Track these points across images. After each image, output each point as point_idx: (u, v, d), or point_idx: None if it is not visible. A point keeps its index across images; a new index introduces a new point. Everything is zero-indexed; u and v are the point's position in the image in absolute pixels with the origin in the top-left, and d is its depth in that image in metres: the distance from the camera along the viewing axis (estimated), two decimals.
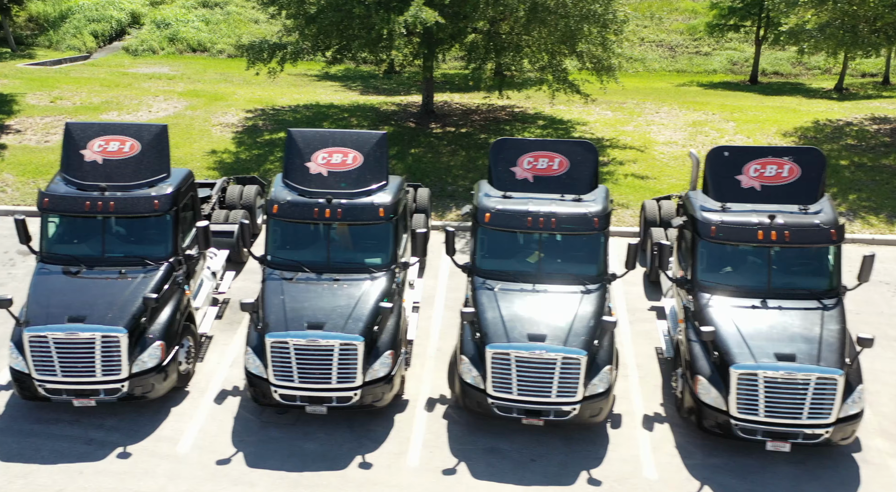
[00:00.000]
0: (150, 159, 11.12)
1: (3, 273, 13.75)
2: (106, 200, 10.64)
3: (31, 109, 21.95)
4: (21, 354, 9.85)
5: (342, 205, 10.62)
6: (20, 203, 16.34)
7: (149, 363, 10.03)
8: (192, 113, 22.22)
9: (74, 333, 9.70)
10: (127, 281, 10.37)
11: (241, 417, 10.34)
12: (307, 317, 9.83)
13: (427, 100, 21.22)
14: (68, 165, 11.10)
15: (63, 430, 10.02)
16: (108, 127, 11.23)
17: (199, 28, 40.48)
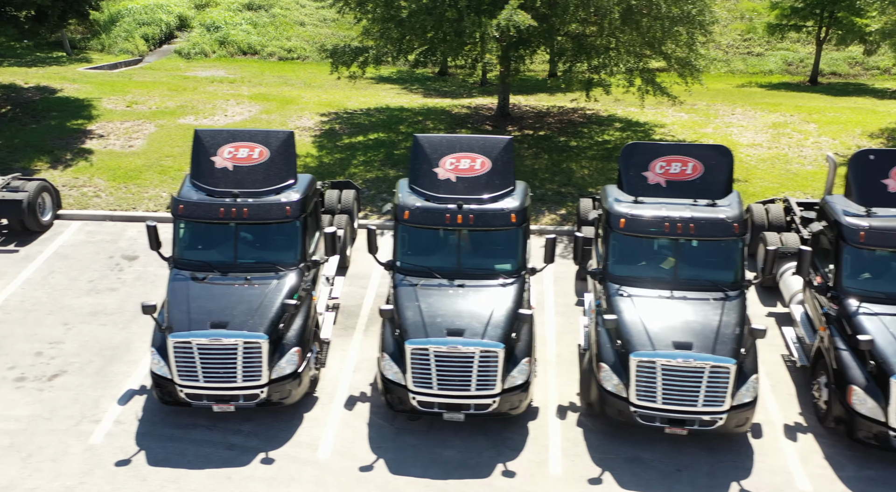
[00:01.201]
0: (279, 165, 11.21)
1: (112, 278, 13.96)
2: (239, 206, 10.75)
3: (109, 114, 22.27)
4: (164, 359, 10.02)
5: (473, 211, 10.65)
6: (116, 208, 16.58)
7: (287, 369, 10.12)
8: (267, 117, 22.41)
9: (218, 339, 9.82)
10: (263, 287, 10.49)
11: (374, 423, 10.40)
12: (446, 324, 9.86)
13: (503, 103, 21.19)
14: (198, 172, 11.26)
15: (203, 435, 10.16)
16: (236, 134, 11.34)
17: (247, 31, 40.84)
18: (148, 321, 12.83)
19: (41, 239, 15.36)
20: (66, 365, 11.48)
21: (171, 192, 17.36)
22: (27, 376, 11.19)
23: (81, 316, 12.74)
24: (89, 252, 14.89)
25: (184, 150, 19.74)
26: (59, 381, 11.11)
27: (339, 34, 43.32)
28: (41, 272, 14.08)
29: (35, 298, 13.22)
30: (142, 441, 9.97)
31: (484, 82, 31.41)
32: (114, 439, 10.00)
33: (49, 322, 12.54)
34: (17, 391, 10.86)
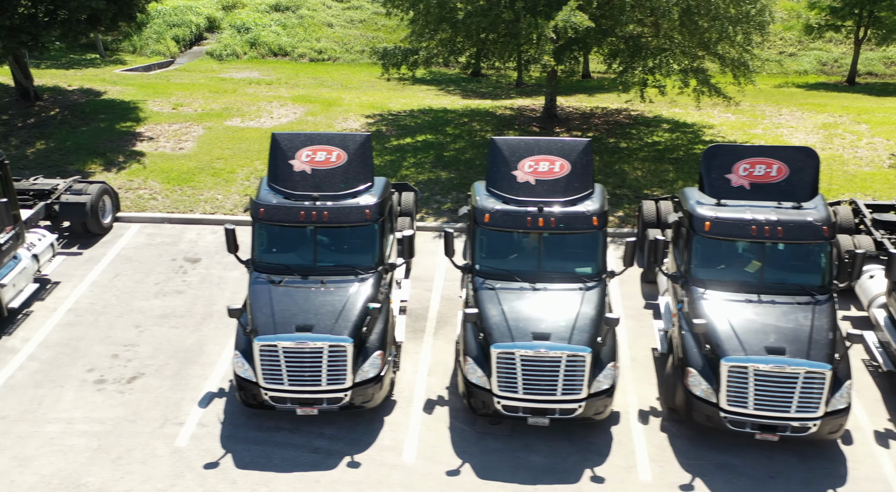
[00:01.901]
0: (357, 169, 11.23)
1: (178, 281, 14.04)
2: (319, 209, 10.78)
3: (156, 116, 22.44)
4: (248, 362, 10.05)
5: (555, 214, 10.62)
6: (173, 211, 16.69)
7: (370, 373, 10.13)
8: (313, 119, 22.48)
9: (304, 343, 9.85)
10: (344, 290, 10.51)
11: (455, 427, 10.39)
12: (531, 327, 9.83)
13: (550, 104, 21.13)
14: (276, 175, 11.29)
15: (286, 438, 10.18)
16: (314, 137, 11.37)
17: (277, 32, 41.03)
18: (217, 324, 12.93)
19: (102, 241, 15.51)
20: (142, 367, 11.58)
21: (225, 194, 17.45)
22: (107, 379, 11.30)
23: (152, 318, 12.86)
24: (152, 255, 15.01)
25: (234, 152, 19.86)
26: (139, 383, 11.21)
27: (367, 35, 43.47)
28: (107, 275, 14.21)
29: (104, 301, 13.35)
30: (227, 444, 10.03)
31: (519, 84, 31.36)
32: (199, 442, 10.07)
33: (121, 325, 12.66)
34: (98, 393, 10.97)
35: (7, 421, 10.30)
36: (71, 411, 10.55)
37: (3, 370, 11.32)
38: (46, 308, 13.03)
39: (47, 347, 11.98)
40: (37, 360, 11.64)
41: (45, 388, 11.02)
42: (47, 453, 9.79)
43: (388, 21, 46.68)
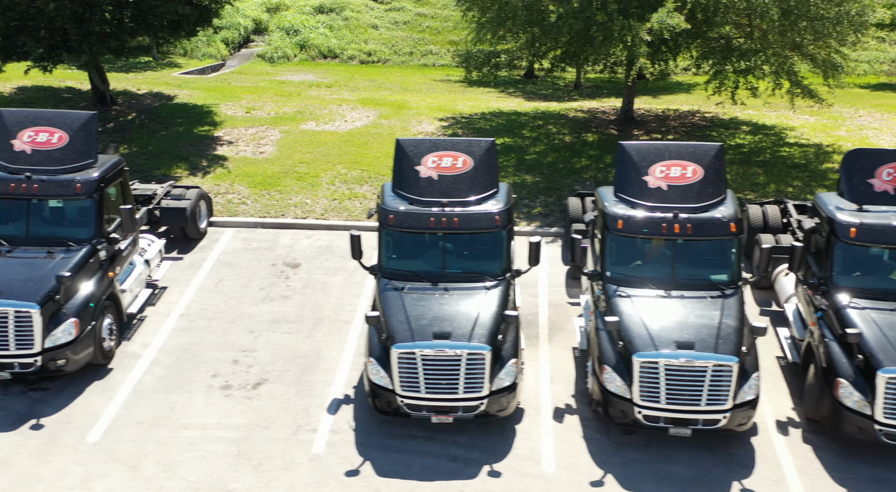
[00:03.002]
0: (483, 174, 11.18)
1: (281, 286, 14.10)
2: (449, 215, 10.76)
3: (232, 120, 22.61)
4: (384, 369, 10.05)
5: (691, 220, 10.48)
6: (265, 215, 16.78)
7: (506, 381, 10.07)
8: (387, 122, 22.52)
9: (443, 350, 9.82)
10: (476, 297, 10.45)
11: (589, 436, 10.30)
12: (673, 336, 9.72)
13: (628, 106, 20.97)
14: (402, 181, 11.27)
15: (421, 446, 10.17)
16: (438, 143, 11.34)
17: (325, 34, 41.23)
18: (329, 329, 12.95)
19: (200, 246, 15.62)
20: (264, 373, 11.63)
21: (313, 199, 17.48)
22: (232, 385, 11.37)
23: (264, 324, 12.91)
24: (251, 259, 15.09)
25: (315, 156, 19.93)
26: (264, 389, 11.26)
27: (413, 37, 43.53)
28: (211, 280, 14.31)
29: (214, 306, 13.43)
30: (364, 451, 10.04)
31: (577, 86, 31.18)
32: (336, 449, 10.08)
33: (235, 330, 12.73)
34: (227, 399, 11.04)
35: (144, 426, 10.42)
36: (204, 417, 10.64)
37: (129, 375, 11.46)
38: (159, 313, 13.16)
39: (167, 352, 12.10)
40: (160, 365, 11.77)
41: (173, 393, 11.14)
42: (189, 458, 9.89)
43: (432, 23, 47.16)
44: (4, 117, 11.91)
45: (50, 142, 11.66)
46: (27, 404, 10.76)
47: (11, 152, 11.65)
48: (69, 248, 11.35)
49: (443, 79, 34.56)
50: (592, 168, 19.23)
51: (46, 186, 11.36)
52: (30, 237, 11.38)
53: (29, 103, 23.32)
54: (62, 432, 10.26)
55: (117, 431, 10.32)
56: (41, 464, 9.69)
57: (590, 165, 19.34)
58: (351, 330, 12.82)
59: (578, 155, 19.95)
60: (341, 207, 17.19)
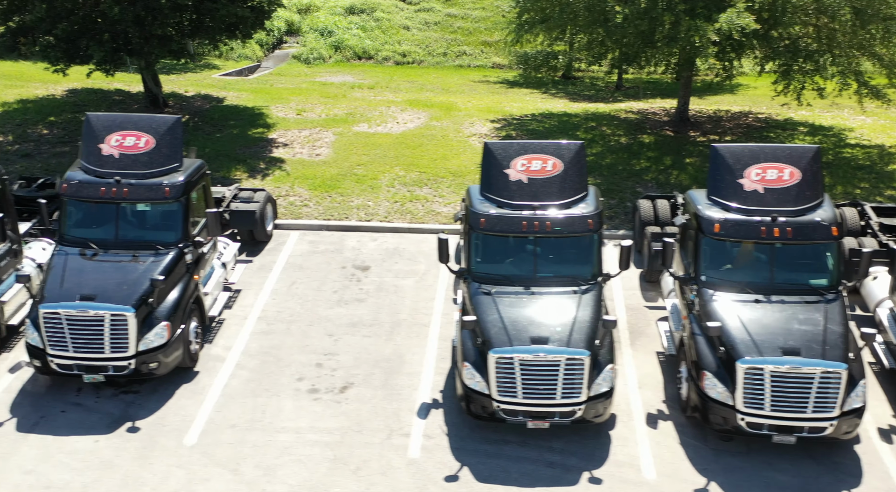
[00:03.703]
0: (573, 177, 11.12)
1: (354, 289, 14.10)
2: (541, 219, 10.71)
3: (284, 123, 22.68)
4: (481, 374, 9.99)
5: (790, 223, 10.34)
6: (329, 218, 16.79)
7: (603, 387, 10.00)
8: (438, 124, 22.49)
9: (541, 355, 9.77)
10: (570, 300, 10.37)
11: (686, 443, 10.19)
12: (779, 342, 9.59)
13: (683, 107, 20.82)
14: (490, 184, 11.21)
15: (516, 451, 10.10)
16: (527, 146, 11.29)
17: (358, 36, 41.33)
18: (408, 333, 12.92)
19: (268, 249, 15.65)
20: (349, 377, 11.63)
21: (375, 201, 17.47)
22: (319, 388, 11.38)
23: (342, 327, 12.91)
24: (320, 262, 15.11)
25: (371, 158, 19.94)
26: (351, 393, 11.26)
27: (446, 38, 43.52)
28: (283, 282, 14.33)
29: (290, 309, 13.45)
30: (460, 456, 9.99)
31: (619, 87, 31.00)
32: (431, 454, 10.05)
33: (314, 334, 12.75)
34: (316, 403, 11.04)
35: (238, 430, 10.45)
36: (296, 421, 10.65)
37: (216, 379, 11.50)
38: (236, 316, 13.20)
39: (250, 355, 12.14)
40: (245, 368, 11.80)
41: (262, 397, 11.16)
42: (287, 462, 9.90)
43: (463, 23, 47.12)
44: (92, 122, 12.00)
45: (137, 146, 11.73)
46: (121, 407, 10.85)
47: (99, 156, 11.74)
48: (157, 251, 11.41)
49: (481, 80, 34.50)
50: (652, 170, 19.09)
51: (136, 190, 11.43)
52: (118, 241, 11.44)
53: (82, 106, 23.54)
54: (159, 435, 10.33)
55: (213, 434, 10.37)
56: (143, 467, 9.75)
57: (649, 167, 19.21)
58: (430, 334, 12.81)
59: (637, 157, 19.82)
60: (404, 210, 17.18)
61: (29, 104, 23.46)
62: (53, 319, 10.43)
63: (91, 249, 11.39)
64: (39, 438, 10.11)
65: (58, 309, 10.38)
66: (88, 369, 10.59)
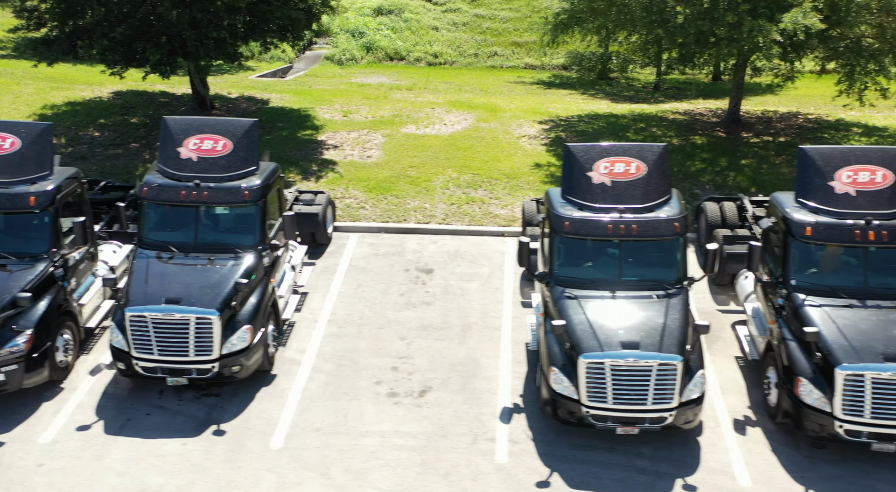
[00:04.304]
0: (657, 180, 11.04)
1: (420, 292, 14.06)
2: (628, 223, 10.63)
3: (332, 124, 22.71)
4: (569, 378, 9.90)
5: (886, 227, 10.18)
6: (387, 220, 16.77)
7: (694, 393, 9.88)
8: (486, 125, 22.43)
9: (633, 361, 9.67)
10: (661, 306, 10.26)
11: (778, 450, 10.04)
12: (879, 348, 9.39)
13: (735, 108, 20.61)
14: (573, 187, 11.13)
15: (605, 457, 10.01)
16: (609, 149, 11.21)
17: (389, 36, 41.36)
18: (480, 336, 12.85)
19: (329, 251, 15.66)
20: (427, 381, 11.58)
21: (431, 203, 17.42)
22: (398, 392, 11.34)
23: (413, 331, 12.86)
24: (383, 265, 15.08)
25: (423, 160, 19.91)
26: (431, 397, 11.21)
27: (476, 38, 43.45)
28: (348, 285, 14.32)
29: (359, 312, 13.41)
30: (548, 462, 9.91)
31: (657, 87, 30.78)
32: (519, 459, 9.97)
33: (386, 337, 12.71)
34: (396, 407, 11.01)
35: (323, 433, 10.44)
36: (379, 425, 10.62)
37: (294, 382, 11.49)
38: (306, 319, 13.20)
39: (325, 358, 12.12)
40: (321, 372, 11.78)
41: (342, 400, 11.13)
42: (376, 467, 9.87)
43: (491, 24, 47.02)
44: (169, 125, 12.05)
45: (215, 149, 11.76)
46: (204, 410, 10.86)
47: (178, 160, 11.80)
48: (237, 254, 11.45)
49: (516, 81, 34.38)
50: (708, 172, 18.90)
51: (215, 194, 11.45)
52: (198, 244, 11.47)
53: (130, 109, 23.71)
54: (244, 438, 10.32)
55: (298, 437, 10.36)
56: (234, 470, 9.76)
57: (705, 169, 19.02)
58: (502, 337, 12.73)
59: (691, 158, 19.63)
60: (461, 212, 17.13)
61: (77, 106, 23.69)
62: (139, 322, 10.48)
63: (171, 252, 11.47)
64: (128, 440, 10.18)
65: (144, 312, 10.43)
66: (172, 371, 10.63)
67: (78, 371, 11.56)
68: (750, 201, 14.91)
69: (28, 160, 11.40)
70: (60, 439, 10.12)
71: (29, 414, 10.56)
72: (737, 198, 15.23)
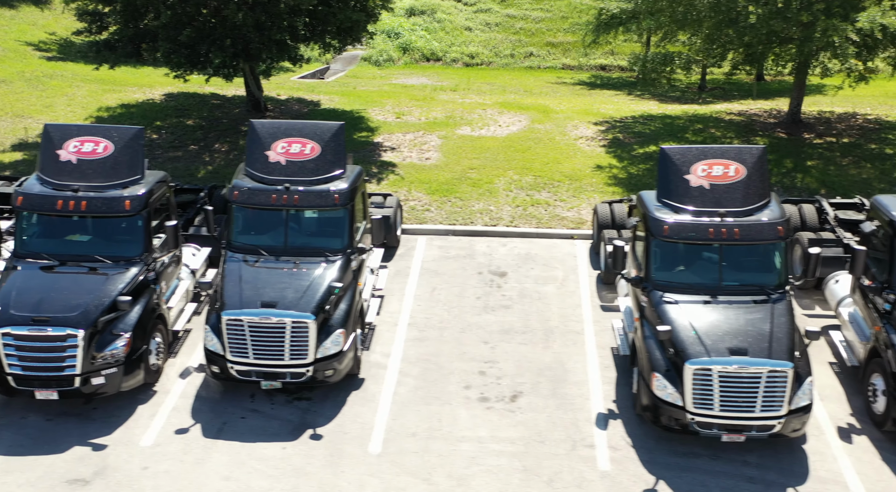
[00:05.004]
0: (756, 182, 10.85)
1: (496, 295, 13.94)
2: (730, 226, 10.45)
3: (386, 126, 22.70)
4: (674, 385, 9.71)
5: None
6: (454, 222, 16.68)
7: (803, 400, 9.69)
8: (541, 126, 22.31)
9: (745, 368, 9.47)
10: (763, 311, 10.06)
11: (889, 459, 9.85)
12: None
13: (796, 109, 20.34)
14: (669, 190, 10.98)
15: (709, 465, 9.81)
16: (706, 150, 11.05)
17: (425, 37, 41.35)
18: (563, 341, 12.74)
19: (399, 254, 15.60)
20: (516, 386, 11.47)
21: (497, 206, 17.31)
22: (489, 397, 11.25)
23: (495, 334, 12.76)
24: (455, 268, 15.01)
25: (482, 162, 19.84)
26: (523, 402, 11.10)
27: (510, 39, 43.35)
28: (423, 288, 14.26)
29: (438, 316, 13.34)
30: (653, 469, 9.76)
31: (702, 87, 30.46)
32: (622, 466, 9.84)
33: (468, 341, 12.62)
34: (489, 412, 10.90)
35: (420, 438, 10.37)
36: (474, 430, 10.53)
37: (383, 386, 11.42)
38: (386, 323, 13.14)
39: (410, 362, 12.06)
40: (409, 376, 11.72)
41: (433, 405, 11.06)
42: (478, 472, 9.78)
43: (524, 24, 46.87)
44: (257, 129, 12.06)
45: (303, 153, 11.75)
46: (297, 414, 10.83)
47: (266, 163, 11.79)
48: (327, 258, 11.44)
49: (557, 81, 34.22)
50: (775, 173, 18.63)
51: (306, 197, 11.44)
52: (287, 248, 11.47)
53: (184, 111, 23.85)
54: (342, 443, 10.28)
55: (396, 442, 10.30)
56: (336, 475, 9.72)
57: (771, 170, 18.72)
58: (585, 341, 12.61)
59: None
60: (527, 214, 17.02)
61: (132, 109, 23.87)
62: (236, 325, 10.48)
63: (261, 255, 11.47)
64: (228, 444, 10.17)
65: (241, 316, 10.42)
66: (267, 375, 10.65)
67: (168, 374, 11.60)
68: (829, 204, 14.70)
69: (121, 164, 11.47)
70: (161, 442, 10.17)
71: (126, 417, 10.64)
72: (813, 200, 15.02)
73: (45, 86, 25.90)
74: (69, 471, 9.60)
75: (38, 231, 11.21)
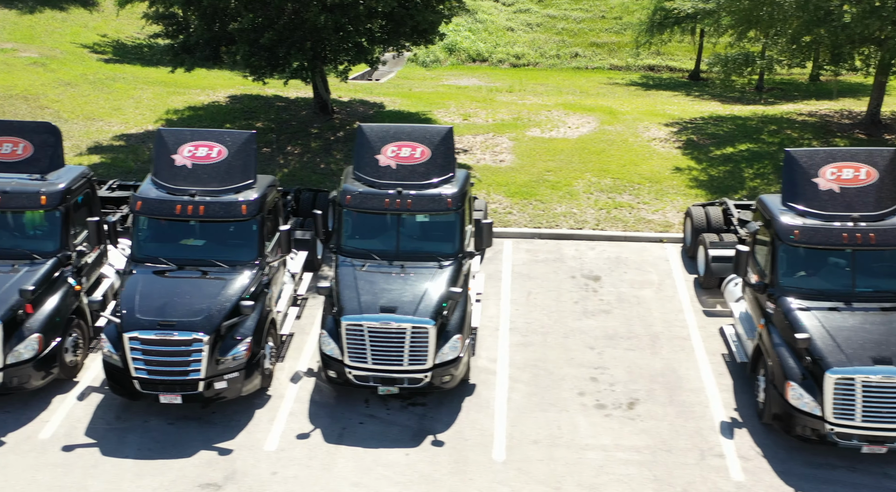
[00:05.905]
0: (889, 186, 10.58)
1: (594, 300, 13.61)
2: (864, 231, 10.19)
3: (455, 128, 22.26)
4: (812, 395, 9.42)
5: None
6: (538, 225, 16.48)
7: None
8: (612, 128, 22.09)
9: (888, 377, 9.19)
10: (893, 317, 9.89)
11: None
12: None
13: (875, 109, 19.92)
14: (796, 194, 10.77)
15: (847, 477, 9.54)
16: (835, 153, 10.83)
17: (470, 38, 41.24)
18: (671, 346, 12.49)
19: (487, 258, 15.46)
20: (631, 392, 11.28)
21: (580, 209, 17.07)
22: (605, 404, 11.08)
23: (600, 340, 12.59)
24: (546, 271, 14.85)
25: (558, 164, 19.65)
26: (641, 410, 10.90)
27: (554, 39, 43.12)
28: (518, 292, 14.11)
29: (539, 321, 13.19)
30: (789, 481, 9.51)
31: (760, 87, 30.00)
32: (757, 477, 9.58)
33: (573, 346, 12.46)
34: (608, 420, 10.74)
35: (542, 446, 10.22)
36: (597, 438, 10.36)
37: (496, 392, 11.25)
38: (486, 327, 12.95)
39: (518, 368, 11.91)
40: (520, 382, 11.57)
41: (550, 412, 10.90)
42: (609, 481, 9.62)
43: (565, 24, 46.58)
44: (366, 133, 11.99)
45: (413, 156, 11.68)
46: (415, 420, 10.73)
47: (377, 167, 11.73)
48: (440, 263, 11.34)
49: (609, 82, 33.92)
50: None
51: (419, 201, 11.35)
52: (399, 252, 11.40)
53: (251, 113, 23.94)
54: (465, 450, 10.16)
55: (519, 450, 10.16)
56: (464, 482, 9.59)
57: None
58: (694, 347, 12.39)
59: None
60: (612, 217, 16.79)
61: (199, 111, 24.02)
62: (355, 330, 10.41)
63: (373, 260, 11.41)
64: (351, 449, 10.11)
65: (361, 321, 10.34)
66: (384, 380, 10.58)
67: (278, 378, 11.57)
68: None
69: (234, 168, 11.47)
70: (285, 447, 10.13)
71: (246, 422, 10.61)
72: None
73: (109, 88, 26.18)
74: (200, 475, 9.62)
75: (155, 235, 11.28)
